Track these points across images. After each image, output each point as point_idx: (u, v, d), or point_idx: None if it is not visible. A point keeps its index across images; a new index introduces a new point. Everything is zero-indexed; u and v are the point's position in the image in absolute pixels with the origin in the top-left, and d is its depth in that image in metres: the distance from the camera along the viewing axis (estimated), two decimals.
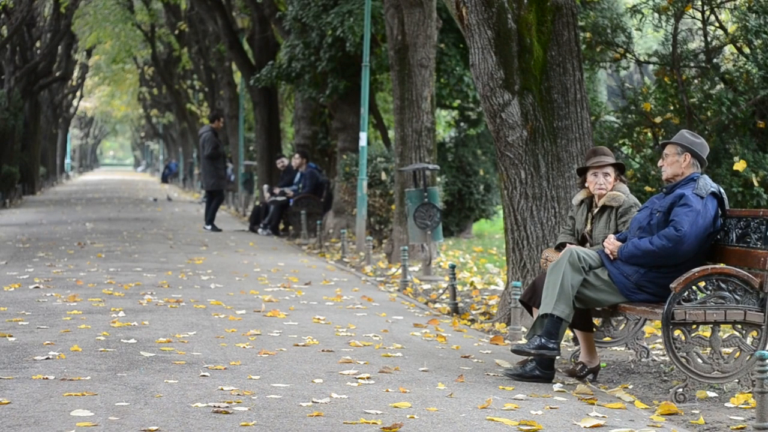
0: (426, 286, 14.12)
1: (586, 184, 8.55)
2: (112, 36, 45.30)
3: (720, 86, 12.89)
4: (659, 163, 8.06)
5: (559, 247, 8.55)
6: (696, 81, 13.19)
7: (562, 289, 7.76)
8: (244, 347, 8.90)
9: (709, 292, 7.27)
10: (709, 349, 7.26)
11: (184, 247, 19.07)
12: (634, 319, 8.67)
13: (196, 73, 46.11)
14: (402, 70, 16.73)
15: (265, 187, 25.14)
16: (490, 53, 10.20)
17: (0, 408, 6.56)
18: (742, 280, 7.26)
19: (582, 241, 8.54)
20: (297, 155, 23.59)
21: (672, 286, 7.25)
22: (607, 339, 8.77)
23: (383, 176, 19.55)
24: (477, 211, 23.85)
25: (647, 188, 12.51)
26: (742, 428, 6.47)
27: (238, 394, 7.06)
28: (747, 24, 12.52)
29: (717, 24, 13.38)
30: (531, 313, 8.40)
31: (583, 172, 8.63)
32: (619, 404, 7.07)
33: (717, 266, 7.42)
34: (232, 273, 14.76)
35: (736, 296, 7.26)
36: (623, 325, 8.76)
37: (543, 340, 7.77)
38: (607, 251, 7.96)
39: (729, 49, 13.74)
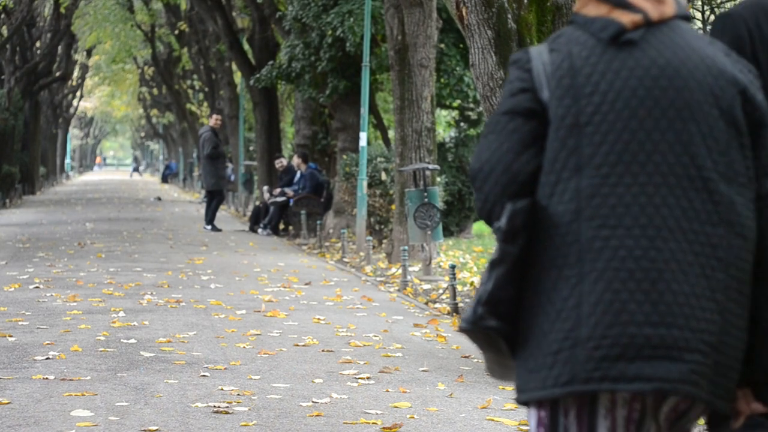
0: (426, 286, 14.12)
1: None
2: (112, 36, 45.31)
3: None
4: None
5: None
6: None
7: None
8: (244, 347, 8.90)
9: None
10: None
11: (184, 247, 19.06)
12: None
13: (196, 73, 46.11)
14: (402, 70, 16.73)
15: (265, 188, 25.15)
16: (490, 53, 10.20)
17: (0, 408, 6.56)
18: None
19: None
20: (296, 156, 23.62)
21: None
22: None
23: (383, 176, 19.55)
24: (477, 212, 23.84)
25: None
26: None
27: (238, 394, 7.06)
28: None
29: None
30: None
31: None
32: None
33: None
34: (232, 273, 14.76)
35: None
36: None
37: None
38: None
39: None
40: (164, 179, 65.34)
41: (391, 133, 25.48)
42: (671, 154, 2.63)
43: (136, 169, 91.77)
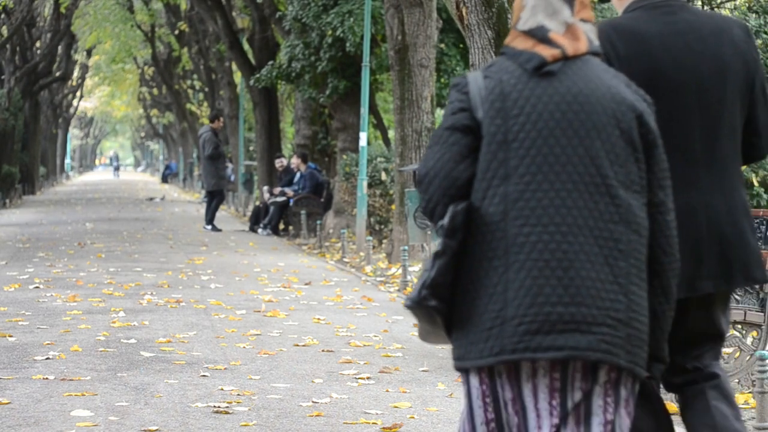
0: None
1: None
2: (112, 36, 45.32)
3: None
4: None
5: None
6: None
7: None
8: (244, 347, 8.90)
9: None
10: None
11: (184, 247, 19.06)
12: None
13: (196, 73, 46.11)
14: (402, 70, 16.73)
15: (265, 188, 25.14)
16: (490, 53, 10.21)
17: (0, 408, 6.56)
18: None
19: None
20: (295, 156, 23.62)
21: None
22: None
23: (383, 176, 19.54)
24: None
25: None
26: None
27: (238, 394, 7.06)
28: (747, 24, 12.52)
29: None
30: None
31: None
32: None
33: None
34: (232, 273, 14.76)
35: (736, 296, 7.26)
36: None
37: None
38: None
39: None
40: (164, 179, 65.34)
41: (391, 133, 25.48)
42: (581, 165, 3.25)
43: (116, 169, 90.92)
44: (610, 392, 3.28)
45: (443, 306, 3.29)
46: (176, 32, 43.25)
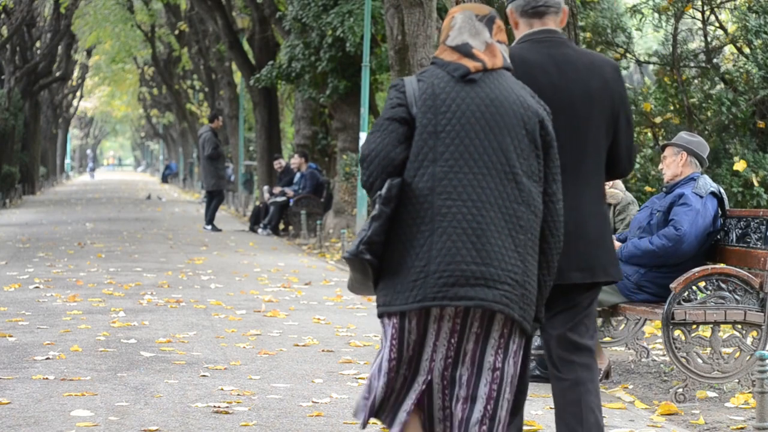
0: None
1: None
2: (112, 36, 45.31)
3: (720, 86, 12.90)
4: (660, 167, 8.06)
5: None
6: (696, 81, 13.19)
7: None
8: (244, 347, 8.90)
9: (709, 292, 7.26)
10: (709, 349, 7.25)
11: (184, 247, 19.06)
12: (634, 319, 8.65)
13: (196, 73, 46.10)
14: (402, 70, 16.72)
15: (266, 188, 25.13)
16: None
17: (0, 408, 6.56)
18: (742, 280, 7.25)
19: None
20: (296, 155, 23.59)
21: (672, 286, 7.24)
22: (607, 339, 8.76)
23: None
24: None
25: (647, 188, 12.52)
26: (742, 428, 6.46)
27: (238, 394, 7.06)
28: (747, 24, 12.53)
29: (717, 24, 13.39)
30: None
31: None
32: (619, 404, 7.06)
33: (717, 266, 7.41)
34: (232, 273, 14.76)
35: (736, 296, 7.26)
36: (623, 325, 8.75)
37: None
38: None
39: (729, 49, 13.76)
40: (164, 179, 65.32)
41: None
42: (494, 155, 4.09)
43: (93, 170, 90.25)
44: (502, 345, 4.09)
45: (375, 261, 4.09)
46: (176, 32, 43.24)
